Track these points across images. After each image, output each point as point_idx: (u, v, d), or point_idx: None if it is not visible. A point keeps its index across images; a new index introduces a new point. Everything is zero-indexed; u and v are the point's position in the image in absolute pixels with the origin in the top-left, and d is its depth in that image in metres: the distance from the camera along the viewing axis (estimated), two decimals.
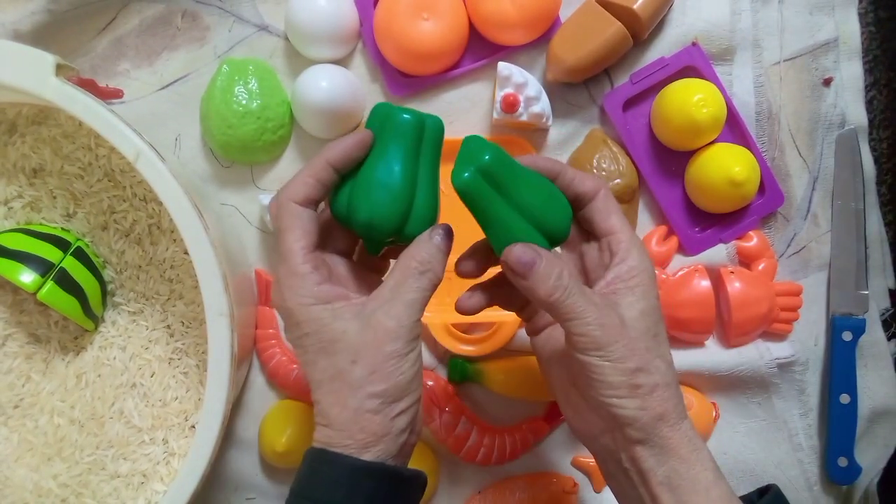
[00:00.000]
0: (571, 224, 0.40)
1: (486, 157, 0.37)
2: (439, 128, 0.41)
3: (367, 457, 0.36)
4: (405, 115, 0.39)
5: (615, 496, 0.42)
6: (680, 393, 0.39)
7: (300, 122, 0.56)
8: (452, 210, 0.57)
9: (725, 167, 0.52)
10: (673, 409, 0.37)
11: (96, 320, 0.55)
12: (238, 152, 0.56)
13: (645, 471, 0.37)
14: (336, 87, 0.53)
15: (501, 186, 0.37)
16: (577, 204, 0.41)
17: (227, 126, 0.54)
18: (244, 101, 0.54)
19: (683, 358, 0.56)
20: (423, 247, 0.39)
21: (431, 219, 0.41)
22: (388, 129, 0.39)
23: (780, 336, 0.57)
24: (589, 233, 0.42)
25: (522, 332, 0.56)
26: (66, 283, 0.52)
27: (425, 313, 0.55)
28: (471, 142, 0.39)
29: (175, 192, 0.46)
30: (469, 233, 0.57)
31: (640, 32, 0.54)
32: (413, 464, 0.54)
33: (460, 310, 0.43)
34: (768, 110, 0.57)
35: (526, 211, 0.38)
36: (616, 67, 0.56)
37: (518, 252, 0.37)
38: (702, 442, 0.38)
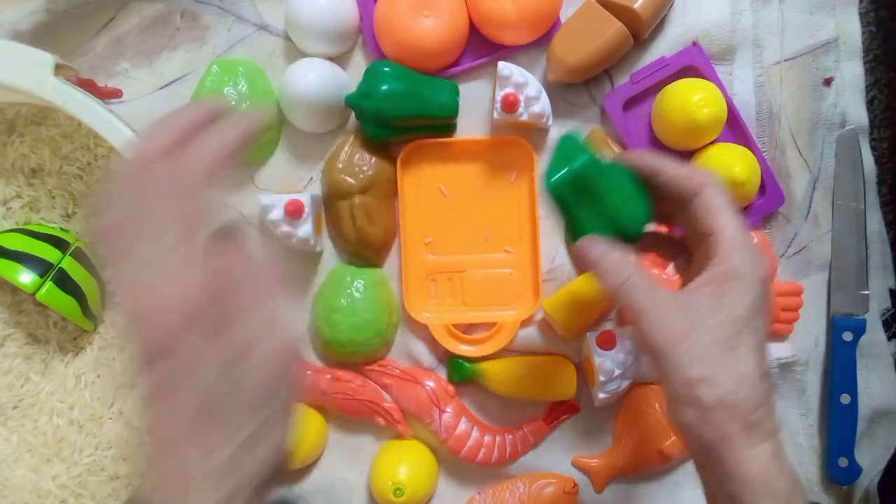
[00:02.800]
0: (645, 225, 0.41)
1: (577, 165, 0.40)
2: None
3: None
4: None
5: None
6: (760, 416, 0.35)
7: (288, 116, 0.56)
8: (453, 211, 0.57)
9: (726, 167, 0.52)
10: (740, 432, 0.34)
11: (95, 321, 0.55)
12: None
13: (705, 483, 0.36)
14: (323, 80, 0.53)
15: (586, 189, 0.40)
16: (684, 201, 0.40)
17: None
18: (233, 103, 0.54)
19: None
20: None
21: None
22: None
23: (780, 336, 0.57)
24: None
25: (522, 332, 0.56)
26: (65, 283, 0.52)
27: (425, 314, 0.56)
28: (567, 142, 0.42)
29: None
30: (467, 232, 0.57)
31: (641, 32, 0.54)
32: (414, 464, 0.55)
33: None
34: (769, 110, 0.57)
35: (605, 211, 0.41)
36: (616, 67, 0.56)
37: (584, 243, 0.40)
38: (782, 469, 0.35)
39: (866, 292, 0.57)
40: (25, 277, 0.50)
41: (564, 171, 0.40)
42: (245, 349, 0.31)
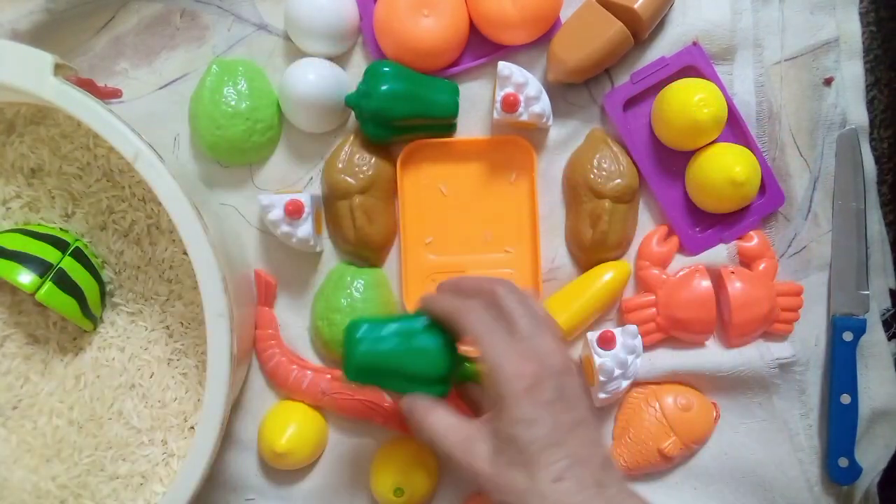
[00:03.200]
0: (450, 366, 0.44)
1: (358, 353, 0.43)
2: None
3: None
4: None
5: None
6: None
7: (288, 116, 0.56)
8: (453, 211, 0.57)
9: (726, 167, 0.52)
10: None
11: (95, 321, 0.55)
12: (227, 153, 0.56)
13: None
14: (324, 80, 0.53)
15: (381, 364, 0.44)
16: None
17: (216, 127, 0.54)
18: (233, 103, 0.54)
19: (684, 358, 0.56)
20: None
21: None
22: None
23: (780, 336, 0.57)
24: None
25: None
26: (65, 283, 0.51)
27: None
28: (348, 332, 0.45)
29: (174, 193, 0.45)
30: (467, 232, 0.57)
31: (641, 32, 0.54)
32: (414, 463, 0.55)
33: None
34: (769, 110, 0.57)
35: (408, 371, 0.43)
36: (616, 67, 0.56)
37: (401, 404, 0.43)
38: None
39: (866, 292, 0.57)
40: (25, 278, 0.50)
41: (351, 365, 0.44)
42: None
